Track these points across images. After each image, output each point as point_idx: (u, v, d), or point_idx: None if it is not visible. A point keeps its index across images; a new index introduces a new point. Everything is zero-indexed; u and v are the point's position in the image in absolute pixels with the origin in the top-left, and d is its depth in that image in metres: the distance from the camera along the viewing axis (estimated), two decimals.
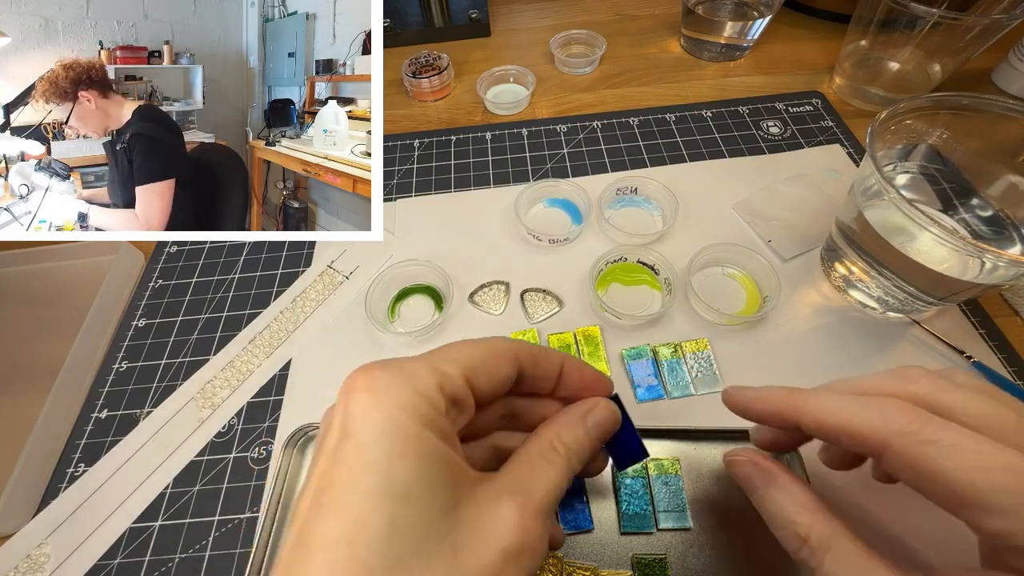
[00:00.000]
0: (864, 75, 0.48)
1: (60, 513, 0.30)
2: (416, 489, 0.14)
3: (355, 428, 0.15)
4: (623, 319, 0.34)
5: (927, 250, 0.28)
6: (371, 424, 0.15)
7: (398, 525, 0.13)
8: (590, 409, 0.20)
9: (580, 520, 0.28)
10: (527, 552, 0.15)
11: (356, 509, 0.13)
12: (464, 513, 0.15)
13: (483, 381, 0.17)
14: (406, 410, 0.15)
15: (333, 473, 0.14)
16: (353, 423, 0.15)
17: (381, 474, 0.14)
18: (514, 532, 0.15)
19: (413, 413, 0.15)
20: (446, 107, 0.53)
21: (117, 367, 0.36)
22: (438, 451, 0.15)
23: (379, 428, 0.14)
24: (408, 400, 0.15)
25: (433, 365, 0.16)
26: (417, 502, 0.14)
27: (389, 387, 0.15)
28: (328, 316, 0.37)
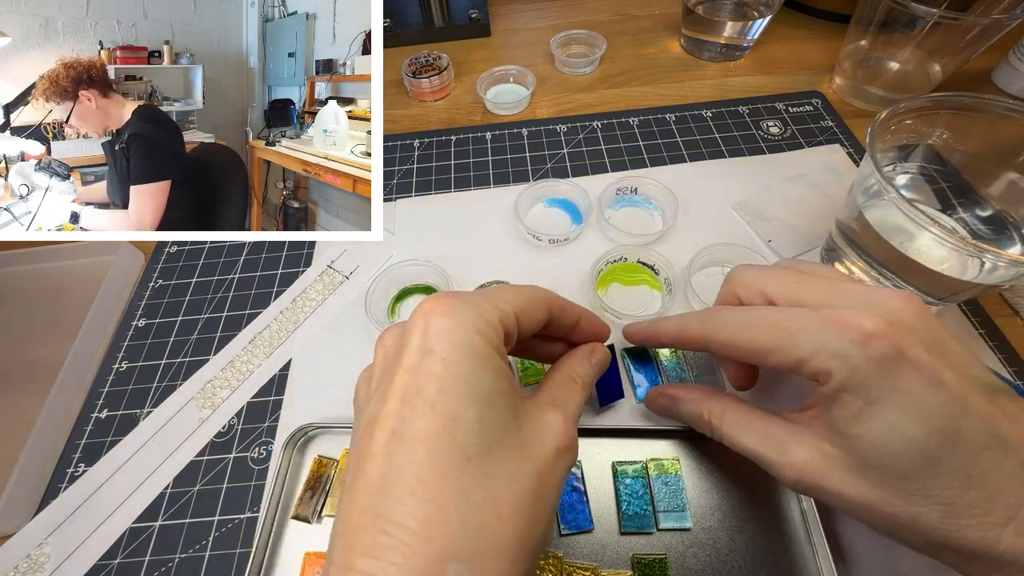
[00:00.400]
0: (864, 75, 0.48)
1: (60, 513, 0.30)
2: (494, 396, 0.17)
3: (438, 346, 0.17)
4: (623, 319, 0.34)
5: (927, 250, 0.28)
6: (453, 342, 0.17)
7: (486, 422, 0.17)
8: (593, 350, 0.25)
9: (580, 520, 0.28)
10: (570, 450, 0.19)
11: (452, 409, 0.16)
12: (525, 418, 0.19)
13: (525, 321, 0.21)
14: (481, 334, 0.18)
15: (419, 383, 0.17)
16: (435, 342, 0.17)
17: (469, 383, 0.17)
18: (562, 434, 0.19)
19: (485, 337, 0.18)
20: (446, 107, 0.53)
21: (117, 367, 0.36)
22: (503, 370, 0.18)
23: (461, 346, 0.17)
24: (481, 326, 0.18)
25: (493, 302, 0.19)
26: (496, 406, 0.17)
27: (465, 313, 0.18)
28: (328, 316, 0.37)
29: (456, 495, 0.15)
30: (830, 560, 0.25)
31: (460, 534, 0.15)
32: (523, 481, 0.17)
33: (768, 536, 0.27)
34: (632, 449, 0.30)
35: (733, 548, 0.27)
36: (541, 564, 0.26)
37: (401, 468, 0.16)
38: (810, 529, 0.26)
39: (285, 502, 0.29)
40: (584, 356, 0.24)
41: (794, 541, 0.26)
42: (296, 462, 0.30)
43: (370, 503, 0.15)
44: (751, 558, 0.26)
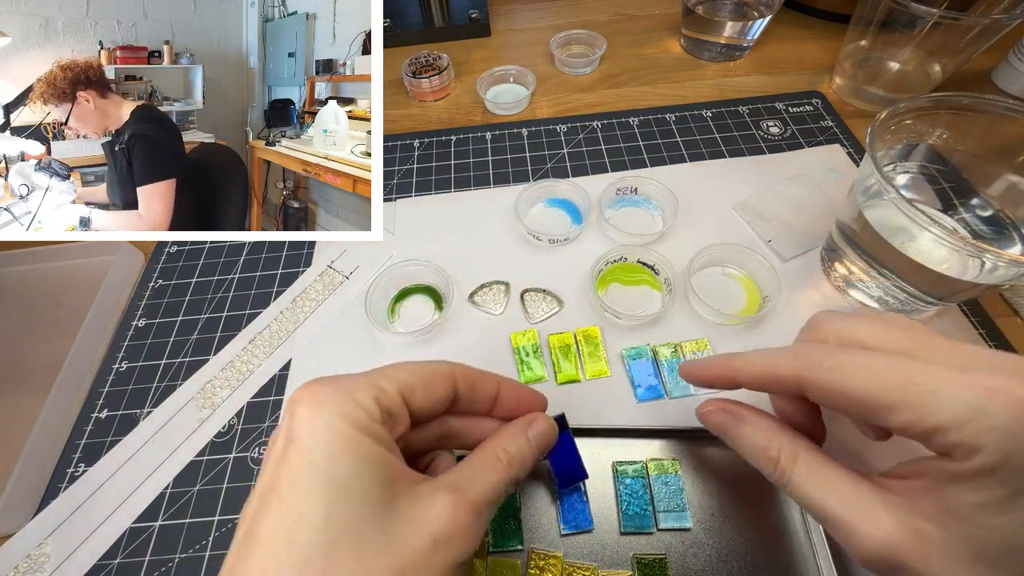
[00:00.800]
0: (864, 75, 0.48)
1: (60, 513, 0.30)
2: (352, 485, 0.16)
3: (298, 435, 0.16)
4: (623, 319, 0.34)
5: (927, 250, 0.28)
6: (312, 430, 0.16)
7: (335, 517, 0.15)
8: (531, 422, 0.22)
9: (580, 520, 0.28)
10: (456, 541, 0.16)
11: (298, 504, 0.15)
12: (400, 507, 0.16)
13: (419, 398, 0.19)
14: (344, 418, 0.17)
15: (278, 476, 0.16)
16: (296, 431, 0.17)
17: (320, 473, 0.16)
18: (445, 522, 0.16)
19: (350, 420, 0.17)
20: (446, 107, 0.53)
21: (117, 367, 0.36)
22: (374, 453, 0.17)
23: (319, 433, 0.16)
24: (345, 409, 0.17)
25: (371, 380, 0.18)
26: (352, 497, 0.16)
27: (329, 398, 0.17)
28: (328, 316, 0.37)
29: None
30: (830, 560, 0.25)
31: None
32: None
33: (768, 536, 0.27)
34: (632, 449, 0.30)
35: (733, 548, 0.27)
36: (541, 564, 0.26)
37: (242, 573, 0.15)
38: (810, 529, 0.26)
39: None
40: (518, 429, 0.22)
41: (794, 541, 0.26)
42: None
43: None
44: (751, 558, 0.26)
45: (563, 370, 0.33)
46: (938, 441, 0.16)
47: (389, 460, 0.17)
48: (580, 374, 0.33)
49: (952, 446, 0.16)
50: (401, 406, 0.19)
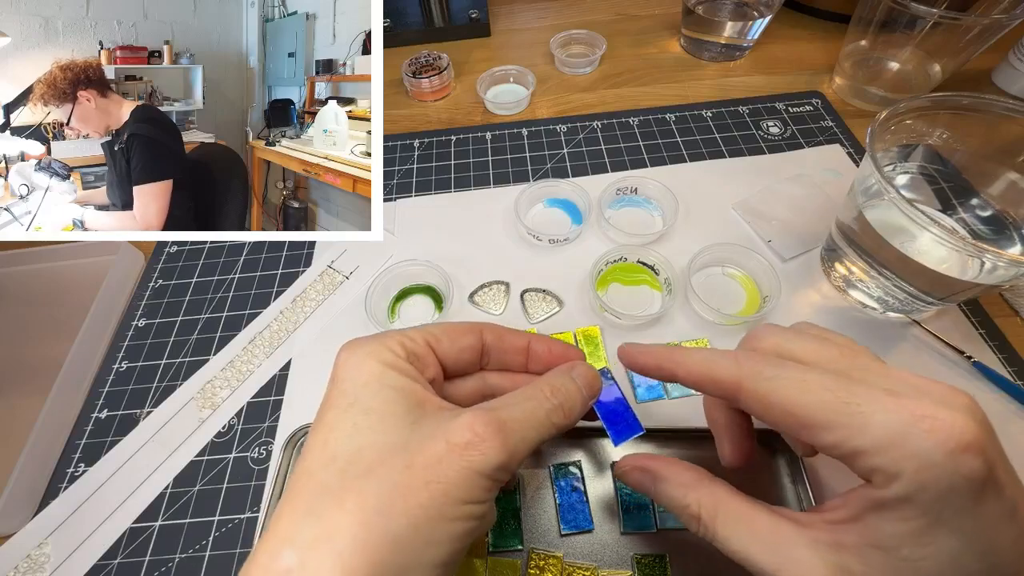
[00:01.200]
0: (864, 75, 0.48)
1: (60, 513, 0.30)
2: (376, 405, 0.18)
3: (336, 374, 0.19)
4: (623, 319, 0.34)
5: (927, 250, 0.28)
6: (346, 368, 0.19)
7: (359, 428, 0.18)
8: (573, 366, 0.22)
9: (580, 520, 0.28)
10: (473, 449, 0.17)
11: (330, 420, 0.18)
12: (426, 423, 0.18)
13: (444, 344, 0.21)
14: (372, 356, 0.19)
15: (322, 408, 0.19)
16: (336, 372, 0.20)
17: (348, 398, 0.18)
18: (461, 430, 0.17)
19: (377, 359, 0.19)
20: (446, 107, 0.53)
21: (117, 367, 0.36)
22: (399, 384, 0.19)
23: (351, 369, 0.19)
24: (374, 350, 0.19)
25: (402, 332, 0.21)
26: (376, 414, 0.18)
27: (362, 345, 0.20)
28: (328, 316, 0.37)
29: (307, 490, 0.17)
30: None
31: (298, 524, 0.16)
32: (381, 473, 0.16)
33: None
34: (632, 449, 0.30)
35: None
36: (541, 564, 0.26)
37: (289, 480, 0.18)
38: None
39: None
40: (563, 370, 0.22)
41: None
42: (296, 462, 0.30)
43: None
44: None
45: None
46: (861, 464, 0.16)
47: (414, 388, 0.19)
48: None
49: (873, 470, 0.16)
50: (426, 349, 0.21)
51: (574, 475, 0.29)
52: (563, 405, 0.20)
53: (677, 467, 0.22)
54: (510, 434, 0.18)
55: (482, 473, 0.17)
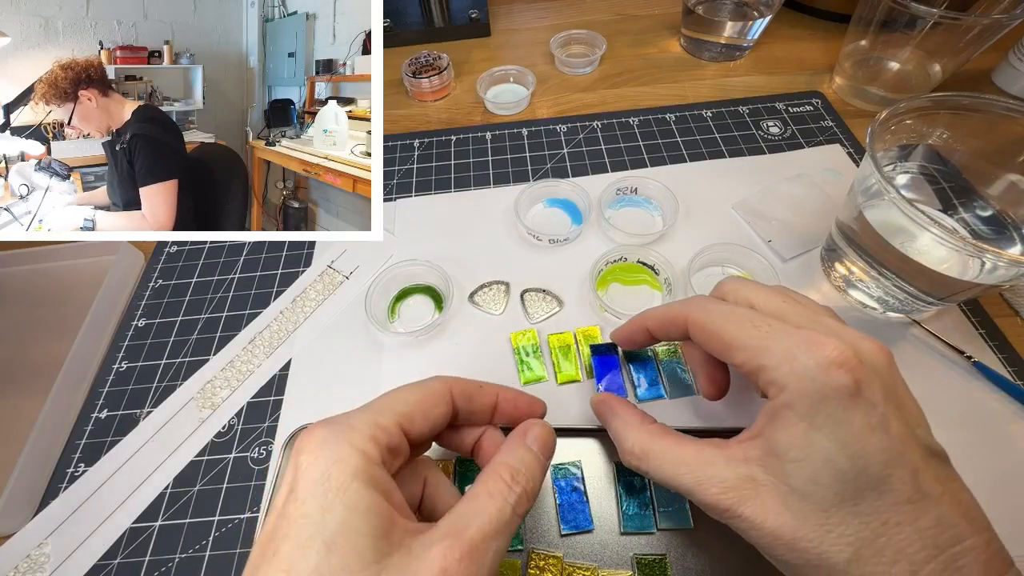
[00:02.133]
0: (864, 75, 0.48)
1: (60, 513, 0.30)
2: (340, 539, 0.15)
3: (296, 485, 0.17)
4: (623, 319, 0.34)
5: (927, 250, 0.28)
6: (308, 480, 0.17)
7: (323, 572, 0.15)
8: (527, 430, 0.22)
9: (580, 520, 0.28)
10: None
11: (288, 558, 0.15)
12: (393, 562, 0.16)
13: (418, 424, 0.19)
14: (339, 464, 0.17)
15: (276, 526, 0.16)
16: (296, 481, 0.17)
17: (312, 526, 0.16)
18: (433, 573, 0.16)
19: (345, 466, 0.17)
20: (446, 107, 0.53)
21: (117, 367, 0.36)
22: (368, 502, 0.16)
23: (313, 482, 0.16)
24: (342, 454, 0.17)
25: (368, 419, 0.18)
26: (341, 551, 0.15)
27: (325, 444, 0.17)
28: (328, 316, 0.37)
29: None
30: None
31: None
32: None
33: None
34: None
35: (733, 548, 0.27)
36: (541, 564, 0.26)
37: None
38: None
39: None
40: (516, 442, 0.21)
41: None
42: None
43: None
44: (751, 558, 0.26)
45: (563, 370, 0.33)
46: (762, 379, 0.20)
47: (384, 510, 0.17)
48: (580, 374, 0.33)
49: (768, 383, 0.19)
50: (400, 439, 0.19)
51: (574, 475, 0.29)
52: (526, 489, 0.19)
53: (630, 409, 0.25)
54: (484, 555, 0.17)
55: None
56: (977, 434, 0.30)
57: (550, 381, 0.33)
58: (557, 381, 0.33)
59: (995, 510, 0.18)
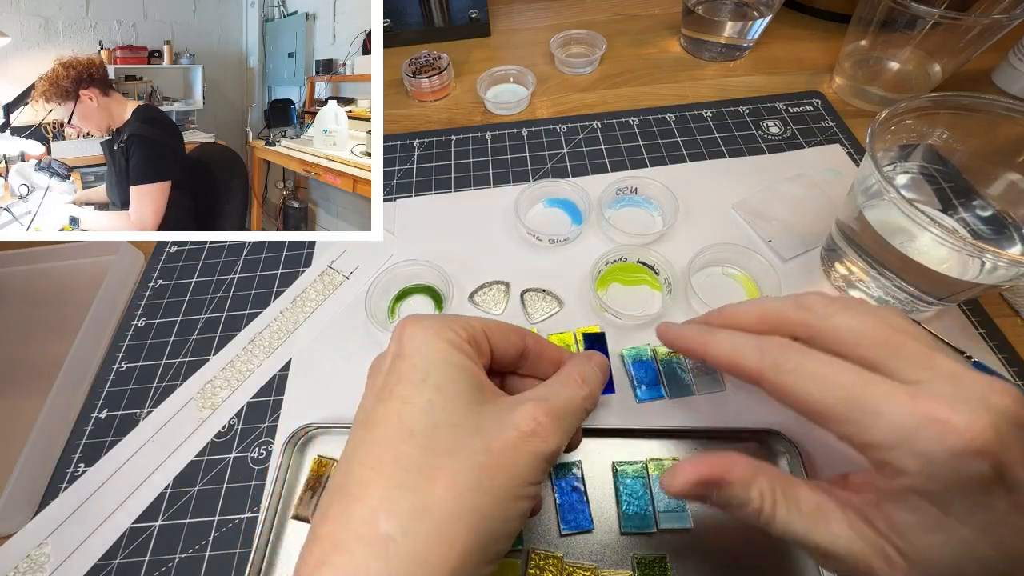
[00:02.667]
0: (864, 75, 0.48)
1: (60, 513, 0.30)
2: (446, 384, 0.19)
3: (405, 349, 0.20)
4: (623, 319, 0.34)
5: (927, 250, 0.28)
6: (415, 344, 0.20)
7: (434, 404, 0.19)
8: (591, 355, 0.25)
9: (580, 520, 0.28)
10: (538, 436, 0.19)
11: (404, 394, 0.19)
12: (489, 408, 0.19)
13: (497, 339, 0.22)
14: (440, 336, 0.20)
15: (389, 379, 0.20)
16: (404, 346, 0.20)
17: (421, 374, 0.19)
18: (528, 420, 0.19)
19: (444, 338, 0.20)
20: (446, 107, 0.53)
21: (117, 367, 0.36)
22: (464, 364, 0.20)
23: (420, 346, 0.20)
24: (441, 331, 0.20)
25: (463, 317, 0.22)
26: (447, 393, 0.19)
27: (429, 322, 0.21)
28: (328, 316, 0.37)
29: (392, 462, 0.18)
30: None
31: (392, 495, 0.17)
32: (464, 454, 0.18)
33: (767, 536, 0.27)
34: (632, 449, 0.30)
35: (733, 548, 0.27)
36: (541, 564, 0.26)
37: (360, 447, 0.19)
38: None
39: (285, 502, 0.29)
40: (583, 358, 0.24)
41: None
42: (296, 462, 0.30)
43: (337, 479, 0.18)
44: (751, 558, 0.26)
45: None
46: (872, 456, 0.17)
47: (476, 371, 0.20)
48: None
49: (882, 463, 0.17)
50: (484, 338, 0.22)
51: (574, 475, 0.29)
52: (591, 392, 0.22)
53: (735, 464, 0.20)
54: (562, 421, 0.20)
55: (544, 457, 0.19)
56: None
57: None
58: None
59: None
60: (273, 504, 0.29)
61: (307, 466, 0.30)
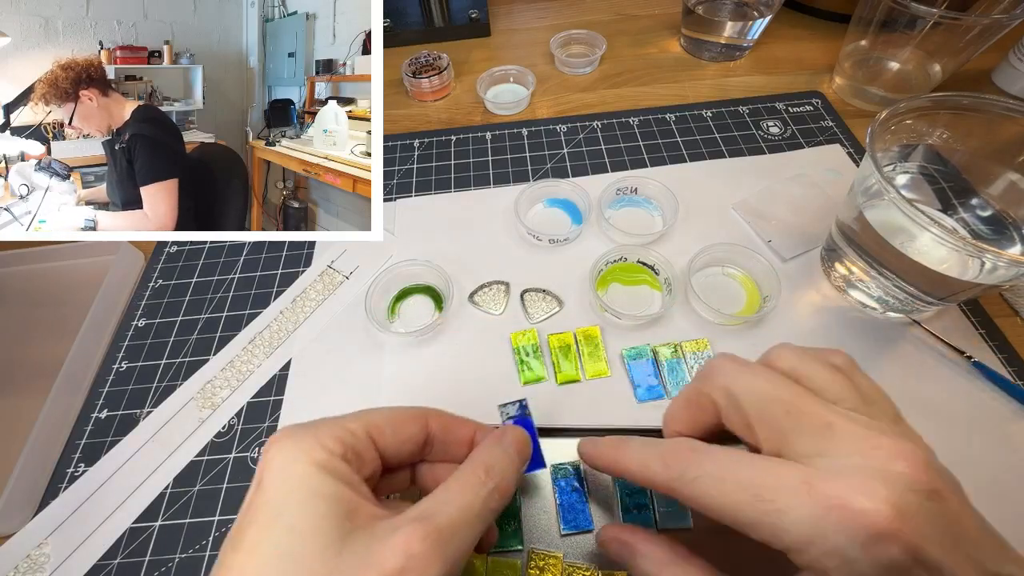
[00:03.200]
0: (864, 75, 0.48)
1: (60, 513, 0.30)
2: (301, 523, 0.16)
3: (262, 477, 0.17)
4: (623, 319, 0.34)
5: (927, 250, 0.28)
6: (272, 471, 0.17)
7: (285, 553, 0.16)
8: (504, 433, 0.22)
9: (580, 520, 0.28)
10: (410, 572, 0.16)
11: (251, 540, 0.16)
12: (355, 544, 0.16)
13: (387, 436, 0.20)
14: (303, 455, 0.17)
15: (244, 517, 0.17)
16: (262, 474, 0.18)
17: (274, 511, 0.16)
18: (397, 555, 0.16)
19: (309, 458, 0.17)
20: (446, 107, 0.53)
21: (117, 367, 0.36)
22: (329, 489, 0.17)
23: (277, 472, 0.17)
24: (306, 447, 0.18)
25: (339, 422, 0.19)
26: (300, 535, 0.16)
27: (292, 438, 0.18)
28: (328, 316, 0.37)
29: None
30: None
31: None
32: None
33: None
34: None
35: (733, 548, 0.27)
36: (541, 564, 0.26)
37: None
38: None
39: None
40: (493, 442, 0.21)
41: None
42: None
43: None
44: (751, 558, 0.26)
45: (563, 370, 0.33)
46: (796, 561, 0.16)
47: (347, 496, 0.17)
48: (580, 374, 0.33)
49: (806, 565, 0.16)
50: (367, 443, 0.19)
51: (574, 475, 0.29)
52: (499, 486, 0.19)
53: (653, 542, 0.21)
54: (449, 543, 0.17)
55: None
56: (977, 434, 0.30)
57: (550, 381, 0.33)
58: (557, 381, 0.33)
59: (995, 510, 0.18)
60: None
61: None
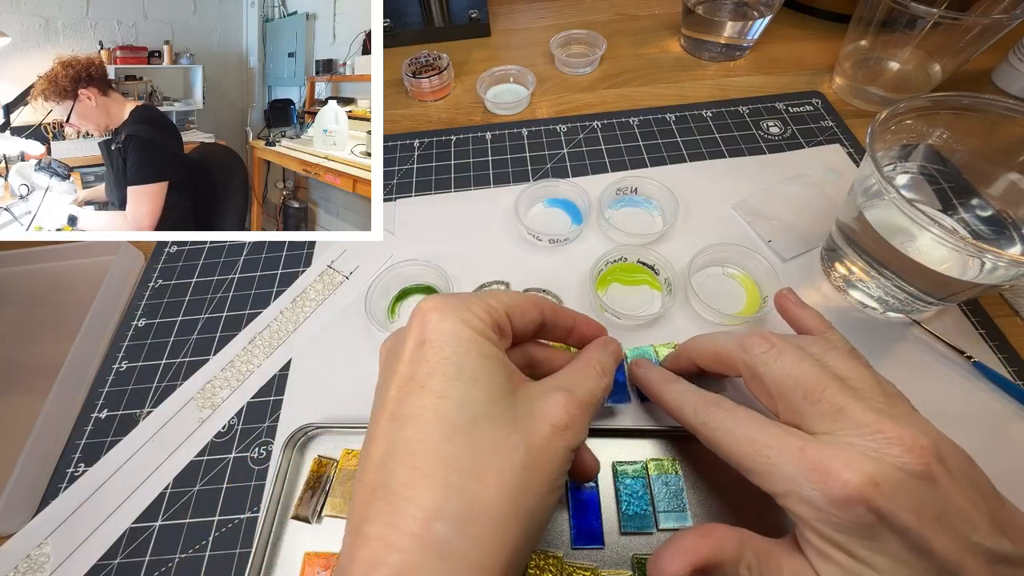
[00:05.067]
0: (864, 75, 0.48)
1: (60, 513, 0.30)
2: (480, 376, 0.19)
3: (430, 336, 0.20)
4: (623, 319, 0.34)
5: (927, 250, 0.28)
6: (442, 332, 0.20)
7: (470, 398, 0.18)
8: (607, 342, 0.26)
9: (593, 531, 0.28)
10: (570, 430, 0.19)
11: (439, 387, 0.18)
12: (520, 398, 0.20)
13: (517, 317, 0.22)
14: (466, 323, 0.20)
15: (415, 368, 0.19)
16: (429, 333, 0.20)
17: (454, 365, 0.19)
18: (561, 413, 0.19)
19: (470, 325, 0.20)
20: (446, 107, 0.53)
21: (117, 367, 0.36)
22: (492, 352, 0.20)
23: (449, 334, 0.19)
24: (466, 317, 0.20)
25: (482, 298, 0.22)
26: (482, 384, 0.19)
27: (454, 308, 0.20)
28: (328, 316, 0.37)
29: (440, 462, 0.17)
30: None
31: (444, 497, 0.17)
32: (508, 452, 0.18)
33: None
34: (632, 449, 0.30)
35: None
36: (541, 564, 0.26)
37: (397, 444, 0.18)
38: None
39: (285, 502, 0.29)
40: (599, 346, 0.25)
41: None
42: (296, 462, 0.30)
43: (373, 477, 0.18)
44: None
45: None
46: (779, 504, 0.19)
47: (504, 360, 0.20)
48: None
49: (787, 510, 0.19)
50: (506, 321, 0.22)
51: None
52: (608, 385, 0.23)
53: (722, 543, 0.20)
54: (588, 413, 0.21)
55: (573, 449, 0.20)
56: (977, 434, 0.29)
57: None
58: None
59: None
60: (273, 504, 0.29)
61: (307, 466, 0.30)
